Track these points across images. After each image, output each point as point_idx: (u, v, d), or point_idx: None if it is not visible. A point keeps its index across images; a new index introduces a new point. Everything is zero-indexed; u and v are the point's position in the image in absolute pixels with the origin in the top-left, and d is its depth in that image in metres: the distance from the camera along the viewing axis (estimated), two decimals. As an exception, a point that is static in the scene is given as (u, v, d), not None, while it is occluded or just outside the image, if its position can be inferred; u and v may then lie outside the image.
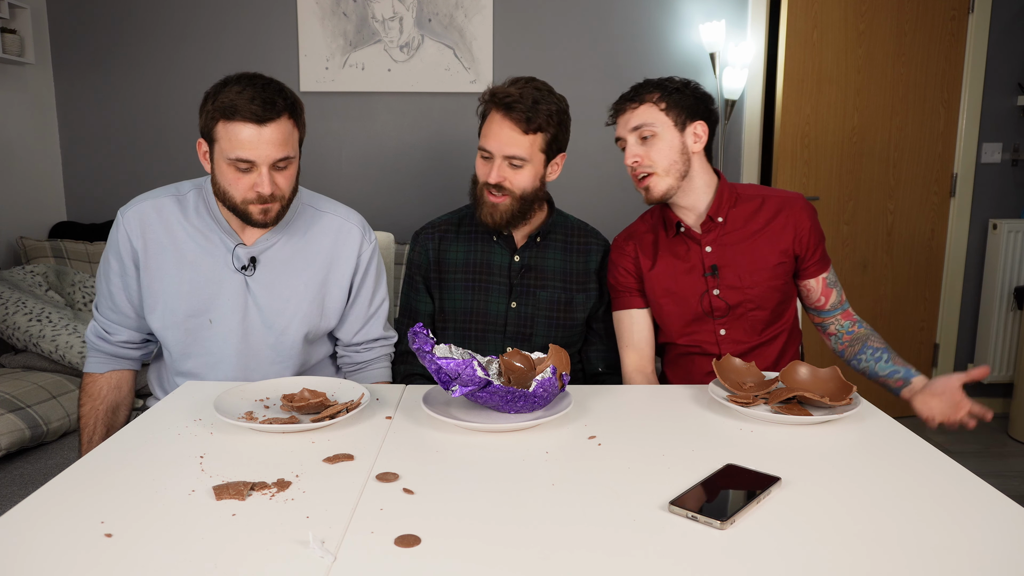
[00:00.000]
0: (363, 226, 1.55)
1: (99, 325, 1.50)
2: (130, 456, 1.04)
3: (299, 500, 0.91)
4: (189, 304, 1.43)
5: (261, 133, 1.30)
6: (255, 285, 1.44)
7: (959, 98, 3.19)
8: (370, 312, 1.57)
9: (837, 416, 1.17)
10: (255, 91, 1.30)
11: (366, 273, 1.54)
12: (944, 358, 3.40)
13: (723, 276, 1.54)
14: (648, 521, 0.86)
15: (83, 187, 3.11)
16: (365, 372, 1.60)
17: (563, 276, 1.64)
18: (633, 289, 1.61)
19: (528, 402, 1.16)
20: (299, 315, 1.47)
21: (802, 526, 0.86)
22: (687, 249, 1.56)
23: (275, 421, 1.13)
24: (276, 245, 1.46)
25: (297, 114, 1.37)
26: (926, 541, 0.82)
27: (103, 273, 1.48)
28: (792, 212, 1.54)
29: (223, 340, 1.45)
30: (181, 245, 1.43)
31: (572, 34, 3.08)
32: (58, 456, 2.01)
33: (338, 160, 3.13)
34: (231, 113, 1.29)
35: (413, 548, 0.80)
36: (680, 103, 1.50)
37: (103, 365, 1.50)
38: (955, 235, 3.29)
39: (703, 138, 1.52)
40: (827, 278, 1.58)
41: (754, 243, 1.53)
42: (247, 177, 1.32)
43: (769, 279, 1.53)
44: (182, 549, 0.79)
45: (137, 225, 1.42)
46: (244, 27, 3.02)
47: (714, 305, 1.55)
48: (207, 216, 1.44)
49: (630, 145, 1.51)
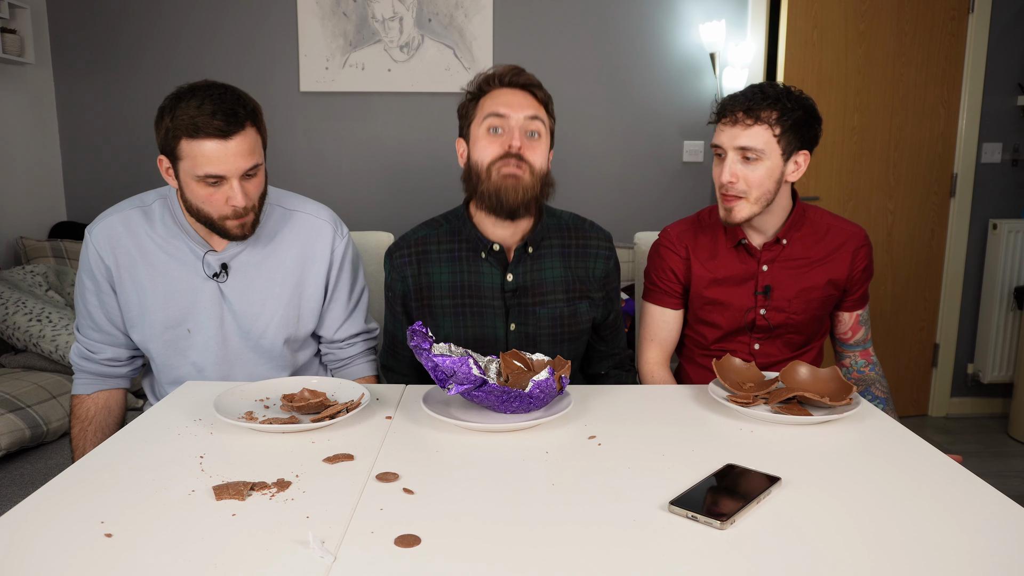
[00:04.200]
0: (334, 221, 1.51)
1: (82, 345, 1.48)
2: (130, 456, 1.04)
3: (299, 500, 0.91)
4: (166, 315, 1.42)
5: (228, 147, 1.27)
6: (229, 292, 1.43)
7: (959, 98, 3.19)
8: (350, 307, 1.55)
9: (837, 416, 1.17)
10: (215, 104, 1.26)
11: (341, 268, 1.52)
12: (944, 358, 3.40)
13: (773, 297, 1.52)
14: (648, 521, 0.86)
15: (83, 187, 3.11)
16: (350, 368, 1.59)
17: (564, 286, 1.48)
18: (675, 292, 1.58)
19: (524, 403, 1.15)
20: (276, 318, 1.46)
21: (802, 526, 0.85)
22: (743, 263, 1.53)
23: (275, 421, 1.13)
24: (246, 250, 1.43)
25: (259, 120, 1.34)
26: (926, 541, 0.82)
27: (79, 293, 1.46)
28: (853, 248, 1.52)
29: (203, 349, 1.44)
30: (151, 257, 1.41)
31: (572, 34, 3.08)
32: (58, 456, 2.01)
33: (338, 160, 3.13)
34: (193, 131, 1.25)
35: (413, 548, 0.80)
36: (794, 129, 1.40)
37: (90, 386, 1.48)
38: (955, 235, 3.29)
39: (802, 168, 1.45)
40: (861, 315, 1.59)
41: (810, 271, 1.52)
42: (219, 191, 1.30)
43: (816, 308, 1.53)
44: (182, 549, 0.79)
45: (106, 241, 1.40)
46: (244, 27, 3.02)
47: (757, 323, 1.54)
48: (174, 226, 1.41)
49: (730, 162, 1.41)
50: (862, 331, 1.60)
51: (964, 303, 3.38)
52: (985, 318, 3.34)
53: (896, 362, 3.36)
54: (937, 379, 3.43)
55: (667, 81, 3.10)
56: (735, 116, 1.40)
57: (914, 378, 3.42)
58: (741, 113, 1.40)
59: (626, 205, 3.17)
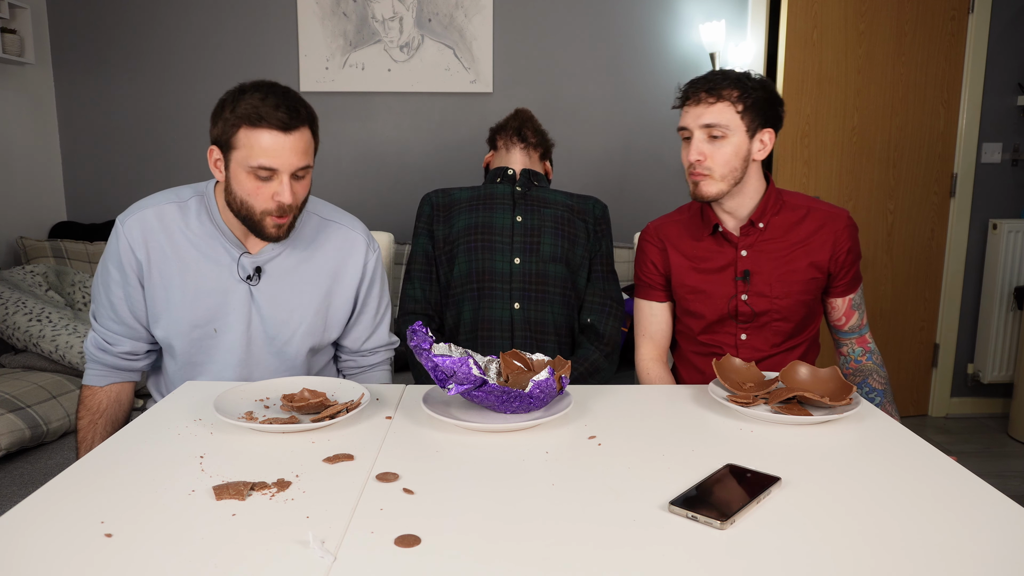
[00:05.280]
0: (367, 235, 1.53)
1: (99, 336, 1.46)
2: (130, 456, 1.04)
3: (299, 500, 0.91)
4: (194, 314, 1.41)
5: (285, 141, 1.28)
6: (260, 295, 1.43)
7: (959, 98, 3.19)
8: (377, 320, 1.57)
9: (837, 416, 1.17)
10: (278, 99, 1.28)
11: (372, 283, 1.53)
12: (944, 358, 3.40)
13: (753, 282, 1.52)
14: (648, 521, 0.86)
15: (83, 187, 3.11)
16: (368, 374, 1.60)
17: (565, 205, 1.77)
18: (657, 284, 1.62)
19: (524, 403, 1.16)
20: (303, 326, 1.46)
21: (802, 526, 0.86)
22: (721, 250, 1.55)
23: (275, 421, 1.13)
24: (282, 255, 1.44)
25: (315, 125, 1.36)
26: (926, 541, 0.82)
27: (102, 282, 1.44)
28: (834, 229, 1.51)
29: (228, 350, 1.44)
30: (184, 253, 1.40)
31: (572, 34, 3.08)
32: (58, 456, 2.01)
33: (338, 160, 3.13)
34: (256, 120, 1.27)
35: (413, 548, 0.80)
36: (756, 107, 1.45)
37: (103, 378, 1.47)
38: (955, 235, 3.29)
39: (768, 147, 1.49)
40: (853, 299, 1.58)
41: (791, 254, 1.51)
42: (267, 186, 1.31)
43: (800, 292, 1.52)
44: (182, 549, 0.79)
45: (139, 234, 1.39)
46: (244, 27, 3.03)
47: (740, 310, 1.54)
48: (210, 224, 1.41)
49: (696, 141, 1.46)
50: (856, 316, 1.59)
51: (964, 303, 3.38)
52: (985, 318, 3.34)
53: (896, 362, 3.36)
54: (937, 379, 3.43)
55: (667, 81, 3.10)
56: (698, 96, 1.45)
57: (914, 378, 3.42)
58: (704, 93, 1.44)
59: (626, 206, 3.17)
